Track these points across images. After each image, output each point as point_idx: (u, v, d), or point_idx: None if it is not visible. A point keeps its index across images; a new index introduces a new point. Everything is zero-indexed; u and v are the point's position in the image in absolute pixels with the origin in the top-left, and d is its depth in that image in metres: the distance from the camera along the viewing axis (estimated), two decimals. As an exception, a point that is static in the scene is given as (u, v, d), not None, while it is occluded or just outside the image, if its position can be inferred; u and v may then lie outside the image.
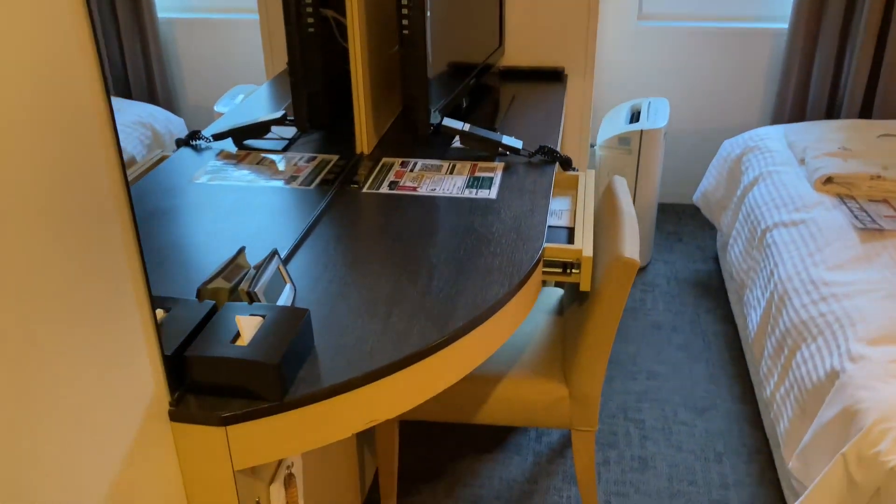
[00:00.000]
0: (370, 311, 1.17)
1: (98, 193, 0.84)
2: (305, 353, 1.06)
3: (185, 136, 1.57)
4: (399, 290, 1.23)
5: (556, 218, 1.55)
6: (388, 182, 1.61)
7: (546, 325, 1.66)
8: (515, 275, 1.27)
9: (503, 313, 1.23)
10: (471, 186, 1.59)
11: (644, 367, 2.16)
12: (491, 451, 1.86)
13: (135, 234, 0.91)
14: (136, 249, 0.91)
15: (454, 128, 1.69)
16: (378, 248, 1.35)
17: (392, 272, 1.27)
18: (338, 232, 1.41)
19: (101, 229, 0.84)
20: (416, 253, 1.33)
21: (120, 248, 0.87)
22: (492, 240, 1.38)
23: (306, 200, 1.53)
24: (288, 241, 1.37)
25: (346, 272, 1.28)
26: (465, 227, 1.42)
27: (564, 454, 1.85)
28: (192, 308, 1.07)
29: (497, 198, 1.55)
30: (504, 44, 2.32)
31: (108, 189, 0.85)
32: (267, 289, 1.14)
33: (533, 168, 1.68)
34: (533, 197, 1.54)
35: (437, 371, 1.12)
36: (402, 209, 1.49)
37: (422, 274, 1.27)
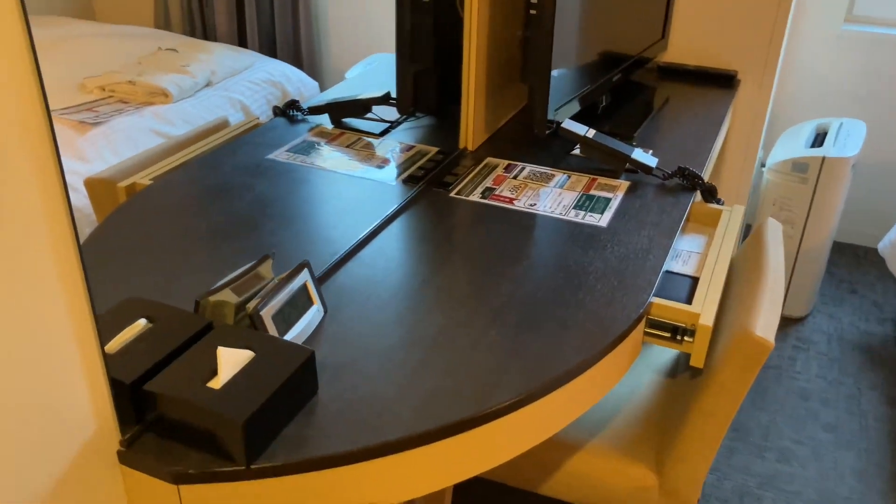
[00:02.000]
0: (402, 355, 0.93)
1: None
2: (300, 404, 0.84)
3: (282, 105, 1.40)
4: (446, 333, 0.98)
5: (680, 262, 1.24)
6: (482, 188, 1.35)
7: (648, 389, 1.35)
8: (602, 337, 0.98)
9: (573, 387, 0.95)
10: (580, 207, 1.30)
11: (776, 445, 1.78)
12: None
13: (67, 215, 0.71)
14: (69, 236, 0.72)
15: (574, 132, 1.40)
16: (441, 273, 1.10)
17: (446, 307, 1.03)
18: (402, 244, 1.18)
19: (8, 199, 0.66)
20: (485, 285, 1.08)
21: (40, 234, 0.69)
22: (584, 282, 1.09)
23: (383, 198, 1.31)
24: (341, 246, 1.16)
25: (392, 298, 1.04)
26: (555, 260, 1.14)
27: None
28: (183, 323, 0.88)
29: (608, 227, 1.25)
30: (668, 36, 1.98)
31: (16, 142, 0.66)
32: (282, 311, 0.93)
33: (665, 193, 1.36)
34: (654, 232, 1.23)
35: (462, 454, 0.87)
36: (487, 224, 1.24)
37: (481, 316, 1.01)
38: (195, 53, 1.35)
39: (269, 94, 1.41)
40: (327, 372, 0.90)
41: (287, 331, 0.93)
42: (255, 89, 1.38)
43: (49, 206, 0.67)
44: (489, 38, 1.46)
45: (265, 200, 1.27)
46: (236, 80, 1.36)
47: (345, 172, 1.38)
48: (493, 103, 1.57)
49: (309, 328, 0.97)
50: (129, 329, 0.86)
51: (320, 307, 0.99)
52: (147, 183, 1.22)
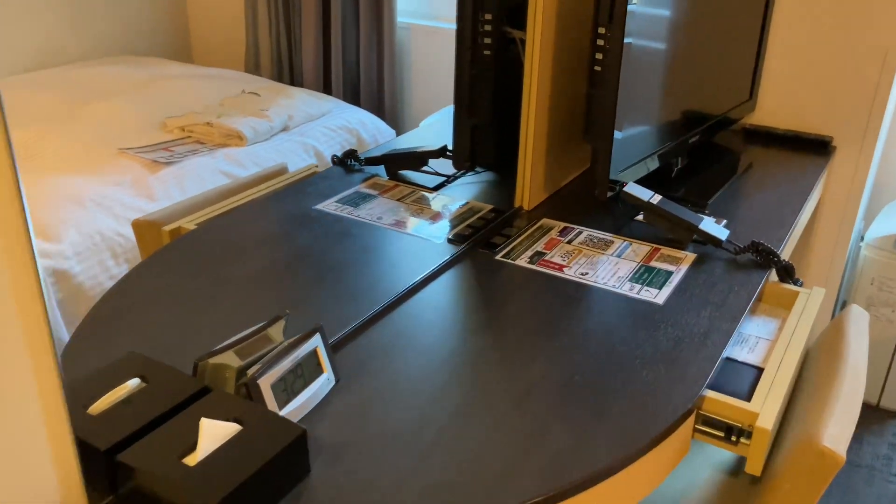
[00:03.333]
0: (409, 438, 0.84)
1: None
2: (287, 486, 0.77)
3: (341, 154, 1.36)
4: (463, 415, 0.88)
5: (745, 348, 1.10)
6: (532, 251, 1.26)
7: (704, 489, 1.20)
8: (642, 434, 0.87)
9: (602, 490, 0.83)
10: (637, 280, 1.19)
11: (863, 555, 1.58)
12: None
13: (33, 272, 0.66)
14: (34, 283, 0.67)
15: (638, 197, 1.29)
16: (470, 344, 1.01)
17: (469, 384, 0.93)
18: (435, 309, 1.09)
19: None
20: (516, 362, 0.98)
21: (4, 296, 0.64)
22: (629, 367, 0.98)
23: (424, 256, 1.24)
24: (369, 307, 1.09)
25: (413, 368, 0.96)
26: (599, 339, 1.03)
27: None
28: (177, 386, 0.82)
29: (664, 304, 1.13)
30: (756, 97, 1.84)
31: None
32: (285, 380, 0.86)
33: (735, 270, 1.23)
34: (717, 313, 1.11)
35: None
36: (531, 292, 1.14)
37: (505, 398, 0.91)
38: (276, 97, 1.34)
39: (344, 141, 1.38)
40: (325, 451, 0.82)
41: (289, 401, 0.86)
42: (330, 135, 1.35)
43: (13, 265, 0.63)
44: (552, 92, 1.38)
45: (302, 253, 1.22)
46: (312, 125, 1.33)
47: (389, 227, 1.32)
48: (554, 161, 1.48)
49: (315, 399, 0.89)
50: (119, 389, 0.81)
51: (331, 376, 0.92)
52: (191, 227, 1.19)
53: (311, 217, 1.34)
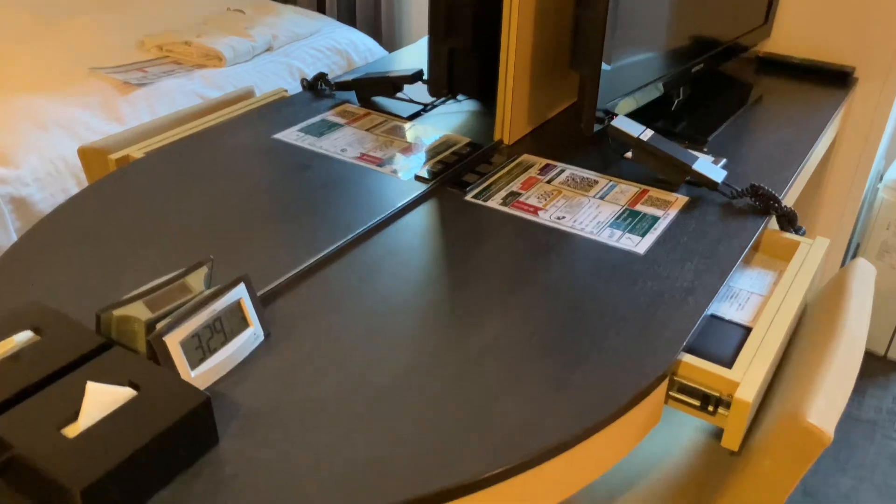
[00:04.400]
0: (338, 407, 0.75)
1: None
2: (188, 459, 0.68)
3: (311, 78, 1.23)
4: (404, 380, 0.78)
5: (734, 304, 0.99)
6: (506, 192, 1.14)
7: (686, 453, 1.11)
8: (603, 405, 0.77)
9: (554, 466, 0.74)
10: (618, 225, 1.07)
11: (858, 516, 1.49)
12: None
13: None
14: None
15: (626, 132, 1.16)
16: (422, 298, 0.91)
17: (415, 344, 0.83)
18: (388, 256, 0.99)
19: None
20: (471, 319, 0.88)
21: None
22: (597, 328, 0.87)
23: (387, 195, 1.13)
24: (312, 253, 0.98)
25: (355, 324, 0.86)
26: (568, 295, 0.93)
27: None
28: (75, 341, 0.73)
29: (645, 254, 1.01)
30: (772, 21, 1.68)
31: None
32: (200, 336, 0.76)
33: (730, 216, 1.11)
34: (704, 265, 0.99)
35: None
36: (499, 238, 1.03)
37: (454, 361, 0.81)
38: (262, 16, 1.21)
39: (333, 63, 1.26)
40: (240, 419, 0.73)
41: (204, 360, 0.76)
42: (317, 56, 1.23)
43: None
44: (536, 11, 1.24)
45: (250, 189, 1.11)
46: (299, 45, 1.21)
47: (352, 161, 1.20)
48: (539, 92, 1.34)
49: (237, 357, 0.80)
50: (5, 343, 0.71)
51: (258, 331, 0.82)
52: (139, 156, 1.08)
53: (268, 147, 1.22)
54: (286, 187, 1.13)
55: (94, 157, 1.02)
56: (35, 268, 0.92)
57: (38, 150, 0.95)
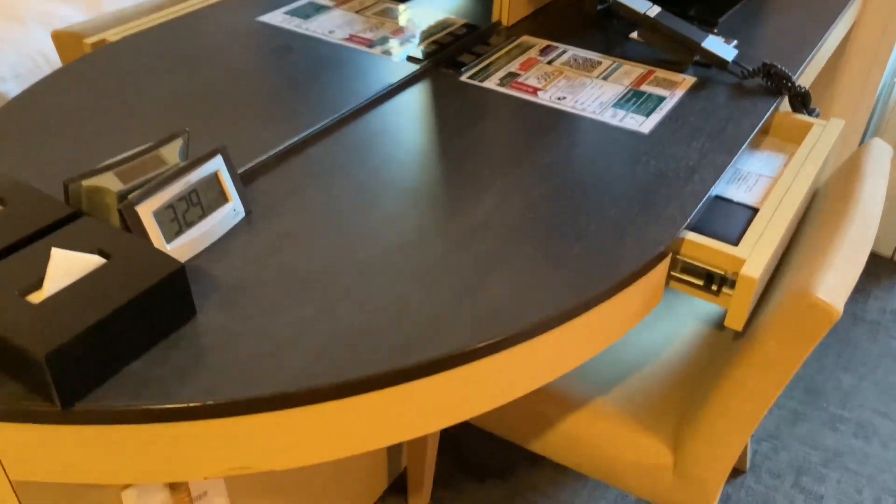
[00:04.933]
0: (323, 281, 0.71)
1: None
2: (162, 331, 0.64)
3: None
4: (392, 255, 0.75)
5: (742, 187, 0.94)
6: (504, 72, 1.08)
7: (686, 342, 1.09)
8: (599, 279, 0.73)
9: (546, 341, 0.71)
10: (622, 106, 1.01)
11: (856, 416, 1.48)
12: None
13: None
14: None
15: (632, 8, 1.09)
16: (412, 177, 0.86)
17: (404, 221, 0.79)
18: (377, 136, 0.94)
19: None
20: (464, 197, 0.83)
21: None
22: (596, 204, 0.83)
23: (377, 76, 1.07)
24: (300, 131, 0.93)
25: (341, 203, 0.81)
26: (566, 173, 0.88)
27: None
28: (42, 210, 0.69)
29: (650, 133, 0.96)
30: None
31: None
32: (174, 208, 0.72)
33: (740, 97, 1.05)
34: (711, 144, 0.94)
35: (366, 419, 0.65)
36: (496, 118, 0.97)
37: (445, 237, 0.77)
38: None
39: None
40: (220, 292, 0.70)
41: (180, 233, 0.72)
42: None
43: None
44: None
45: (234, 72, 1.05)
46: None
47: (340, 42, 1.13)
48: (543, -31, 1.26)
49: (215, 232, 0.76)
50: (-33, 213, 0.67)
51: (238, 207, 0.78)
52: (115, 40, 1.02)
53: (252, 30, 1.15)
54: (270, 69, 1.07)
55: (68, 41, 0.96)
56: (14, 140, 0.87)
57: (16, 45, 0.90)
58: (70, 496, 0.70)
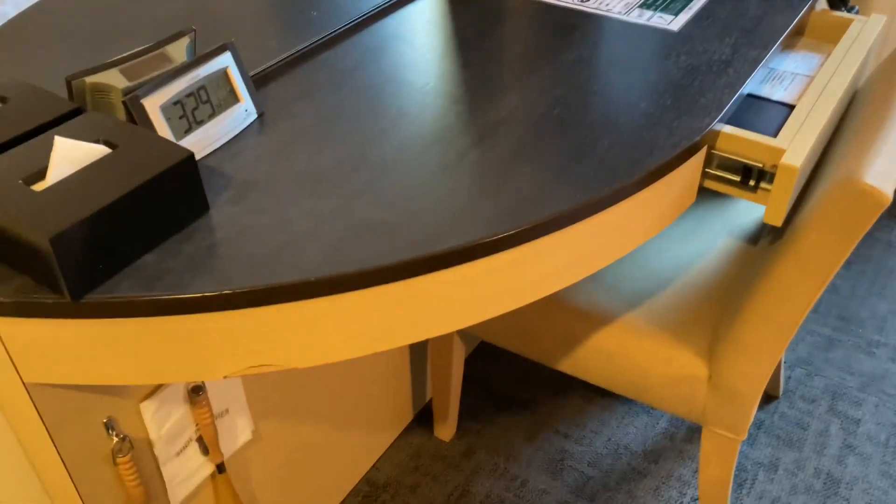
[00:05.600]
0: (339, 177, 0.68)
1: None
2: (175, 225, 0.62)
3: None
4: (410, 151, 0.71)
5: (779, 86, 0.89)
6: (523, -21, 1.03)
7: (719, 255, 1.05)
8: (628, 170, 0.69)
9: (569, 235, 0.67)
10: (649, 6, 0.96)
11: (893, 340, 1.44)
12: (610, 398, 1.34)
13: None
14: None
15: None
16: (433, 76, 0.82)
17: (424, 118, 0.75)
18: (396, 39, 0.89)
19: None
20: (486, 95, 0.79)
21: None
22: (624, 99, 0.78)
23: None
24: (316, 34, 0.89)
25: (356, 103, 0.78)
26: (591, 71, 0.83)
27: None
28: (46, 107, 0.66)
29: (679, 31, 0.91)
30: None
31: None
32: (183, 104, 0.69)
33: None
34: (744, 40, 0.89)
35: (385, 313, 0.62)
36: (518, 22, 0.93)
37: (466, 133, 0.73)
38: None
39: None
40: (231, 189, 0.67)
41: (190, 131, 0.69)
42: None
43: None
44: None
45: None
46: None
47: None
48: None
49: (226, 132, 0.73)
50: (-32, 110, 0.64)
51: (250, 107, 0.75)
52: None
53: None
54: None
55: None
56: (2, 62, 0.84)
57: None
58: (87, 406, 0.68)
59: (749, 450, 1.26)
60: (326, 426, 1.09)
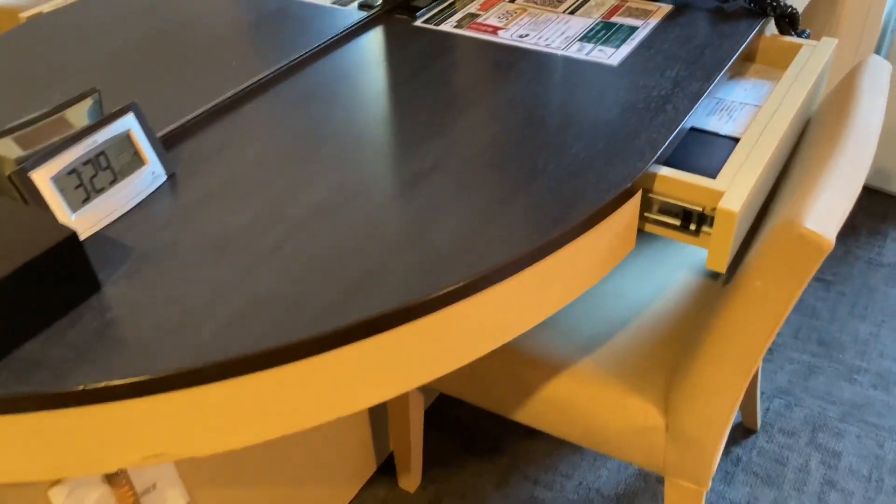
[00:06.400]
0: (247, 240, 0.64)
1: None
2: (60, 308, 0.58)
3: None
4: (326, 207, 0.67)
5: (724, 118, 0.85)
6: (462, 14, 1.00)
7: (677, 293, 1.00)
8: (563, 218, 0.65)
9: (492, 296, 0.63)
10: (589, 39, 0.93)
11: (875, 366, 1.39)
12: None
13: None
14: None
15: (598, -65, 0.99)
16: (359, 124, 0.78)
17: (343, 173, 0.72)
18: (324, 86, 0.86)
19: None
20: (413, 142, 0.75)
21: None
22: (557, 141, 0.75)
23: (325, 25, 0.99)
24: (234, 86, 0.85)
25: (275, 157, 0.74)
26: (526, 110, 0.80)
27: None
28: (-71, 184, 0.62)
29: (619, 65, 0.87)
30: None
31: None
32: (79, 173, 0.65)
33: (720, 22, 0.95)
34: (687, 72, 0.85)
35: (291, 391, 0.58)
36: (452, 61, 0.89)
37: (387, 184, 0.69)
38: None
39: None
40: (128, 262, 0.63)
41: (88, 200, 0.65)
42: None
43: None
44: None
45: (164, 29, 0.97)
46: None
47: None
48: None
49: (131, 198, 0.69)
50: None
51: (157, 169, 0.71)
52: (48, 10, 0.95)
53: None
54: (205, 26, 0.99)
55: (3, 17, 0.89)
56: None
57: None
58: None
59: (725, 489, 1.21)
60: (280, 484, 1.04)
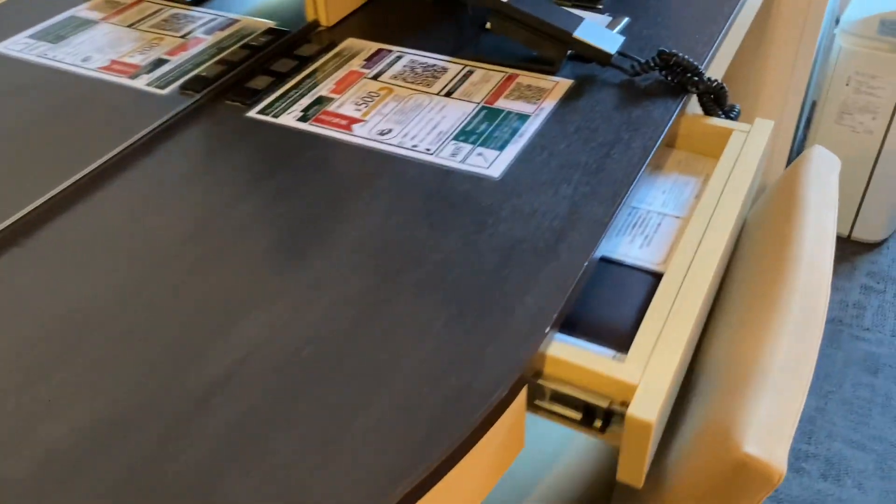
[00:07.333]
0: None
1: None
2: None
3: None
4: (48, 470, 0.46)
5: (637, 238, 0.67)
6: (309, 99, 0.78)
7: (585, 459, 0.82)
8: (409, 463, 0.45)
9: None
10: (466, 137, 0.73)
11: (823, 450, 1.24)
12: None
13: None
14: None
15: (478, -7, 0.80)
16: (137, 298, 0.57)
17: (102, 394, 0.50)
18: (119, 211, 0.64)
19: None
20: (200, 338, 0.54)
21: None
22: (413, 319, 0.54)
23: (133, 119, 0.77)
24: (22, 204, 0.63)
25: (17, 342, 0.52)
26: (372, 265, 0.59)
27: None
28: None
29: (503, 178, 0.68)
30: None
31: None
32: None
33: (631, 102, 0.77)
34: (587, 188, 0.66)
35: None
36: (286, 175, 0.68)
37: (160, 416, 0.49)
38: None
39: None
40: None
41: None
42: None
43: None
44: None
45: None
46: None
47: (90, 75, 0.83)
48: (372, -54, 0.96)
49: None
50: None
51: None
52: None
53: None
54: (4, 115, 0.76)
55: None
56: None
57: None
58: None
59: None
60: None
